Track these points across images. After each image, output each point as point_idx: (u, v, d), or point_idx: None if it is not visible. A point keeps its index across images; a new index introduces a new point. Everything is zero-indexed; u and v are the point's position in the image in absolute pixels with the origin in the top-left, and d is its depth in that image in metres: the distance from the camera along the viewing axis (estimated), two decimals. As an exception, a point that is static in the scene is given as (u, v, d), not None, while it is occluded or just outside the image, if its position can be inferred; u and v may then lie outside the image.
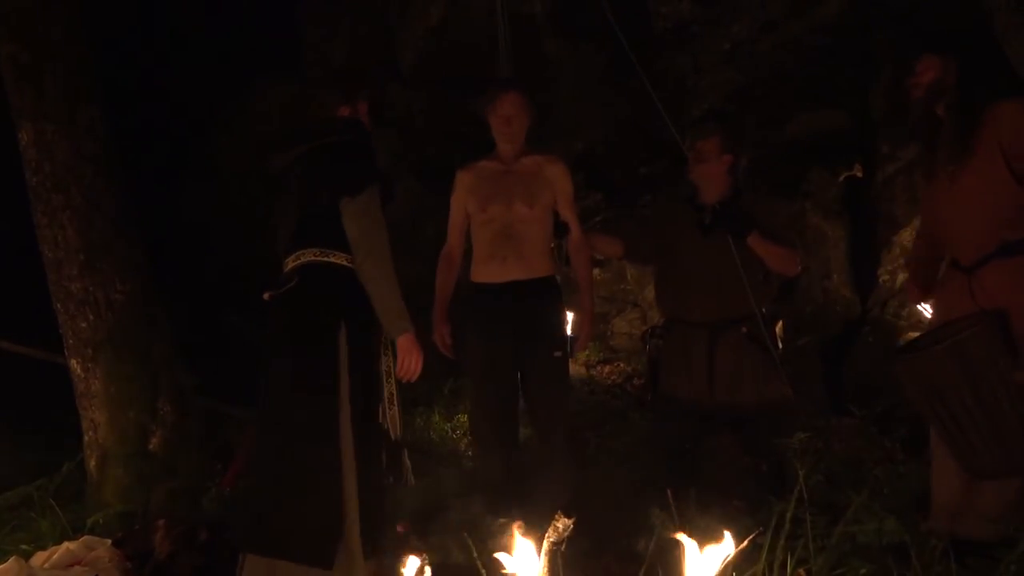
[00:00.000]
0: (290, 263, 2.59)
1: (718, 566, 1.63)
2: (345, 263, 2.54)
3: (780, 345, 3.22)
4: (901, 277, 5.07)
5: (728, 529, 1.70)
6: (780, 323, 3.27)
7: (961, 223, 2.49)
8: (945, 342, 2.39)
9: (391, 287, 2.54)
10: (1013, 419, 2.30)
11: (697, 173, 3.23)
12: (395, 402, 2.63)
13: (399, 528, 2.80)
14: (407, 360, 2.63)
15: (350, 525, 2.40)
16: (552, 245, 3.29)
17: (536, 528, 1.93)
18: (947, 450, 2.49)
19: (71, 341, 3.51)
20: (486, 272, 3.12)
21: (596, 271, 5.49)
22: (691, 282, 3.20)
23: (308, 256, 2.55)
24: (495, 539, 2.74)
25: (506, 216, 3.08)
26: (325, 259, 2.54)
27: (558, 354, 3.14)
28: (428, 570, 2.24)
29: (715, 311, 3.15)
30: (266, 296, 2.59)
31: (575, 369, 5.47)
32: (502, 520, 2.93)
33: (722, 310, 3.15)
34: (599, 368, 5.57)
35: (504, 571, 1.82)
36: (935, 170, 2.54)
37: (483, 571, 2.05)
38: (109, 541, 2.89)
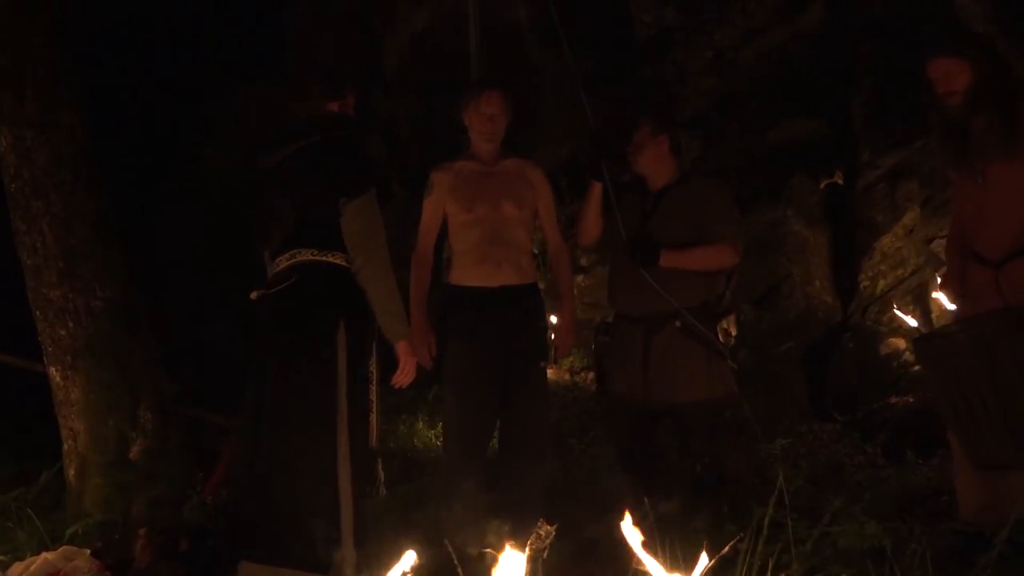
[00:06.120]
0: (283, 262, 2.55)
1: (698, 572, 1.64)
2: (342, 263, 2.52)
3: (732, 340, 3.10)
4: (881, 283, 5.13)
5: (709, 535, 1.71)
6: (732, 317, 3.11)
7: (992, 220, 2.53)
8: (970, 332, 2.47)
9: (391, 290, 2.52)
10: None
11: (639, 163, 3.16)
12: (374, 408, 2.62)
13: None
14: (408, 364, 2.63)
15: (345, 532, 2.38)
16: (536, 251, 3.29)
17: (518, 535, 1.93)
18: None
19: (50, 349, 3.47)
20: (476, 276, 3.03)
21: (580, 278, 5.51)
22: (632, 275, 3.07)
23: (305, 255, 2.52)
24: (478, 547, 2.73)
25: (494, 217, 3.03)
26: (323, 258, 2.51)
27: (543, 363, 3.12)
28: (411, 576, 2.23)
29: (651, 305, 3.01)
30: (254, 295, 2.55)
31: (559, 375, 5.48)
32: (485, 526, 2.92)
33: (658, 304, 2.99)
34: (583, 374, 5.58)
35: (486, 578, 1.82)
36: (965, 168, 2.56)
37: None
38: (88, 551, 2.85)
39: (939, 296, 4.87)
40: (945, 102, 2.54)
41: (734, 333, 3.09)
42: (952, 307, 4.51)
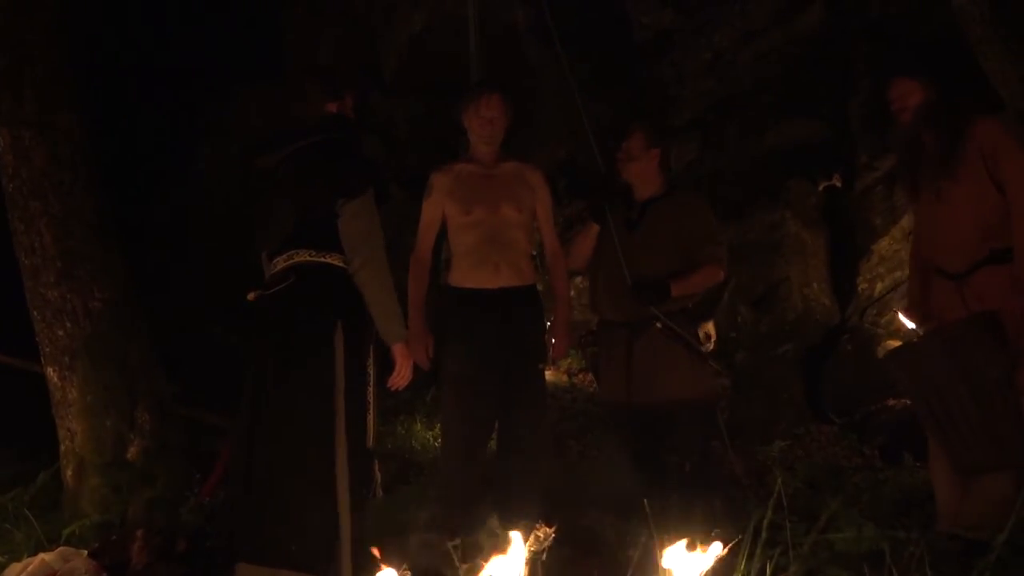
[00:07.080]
0: (280, 263, 2.55)
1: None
2: (340, 264, 2.52)
3: (711, 345, 3.18)
4: (879, 286, 5.13)
5: (709, 536, 1.71)
6: (711, 322, 3.22)
7: (949, 234, 2.64)
8: (939, 338, 2.61)
9: (388, 291, 2.52)
10: (1003, 411, 2.44)
11: (628, 172, 3.20)
12: (372, 409, 2.62)
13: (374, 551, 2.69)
14: (404, 366, 2.63)
15: (343, 534, 2.38)
16: (534, 253, 3.28)
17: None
18: (941, 450, 2.62)
19: (48, 349, 3.47)
20: (474, 278, 3.03)
21: (578, 279, 5.50)
22: (616, 280, 3.12)
23: (302, 256, 2.52)
24: (476, 548, 2.73)
25: (493, 219, 3.03)
26: (320, 259, 2.51)
27: (541, 365, 3.12)
28: (408, 578, 2.22)
29: (634, 309, 3.07)
30: (251, 296, 2.55)
31: (558, 377, 5.48)
32: (483, 527, 2.91)
33: (641, 307, 3.06)
34: (581, 376, 5.59)
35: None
36: (920, 186, 2.69)
37: (464, 580, 2.04)
38: (85, 552, 2.84)
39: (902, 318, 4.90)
40: (897, 118, 2.70)
41: (713, 337, 3.19)
42: (912, 325, 4.60)
